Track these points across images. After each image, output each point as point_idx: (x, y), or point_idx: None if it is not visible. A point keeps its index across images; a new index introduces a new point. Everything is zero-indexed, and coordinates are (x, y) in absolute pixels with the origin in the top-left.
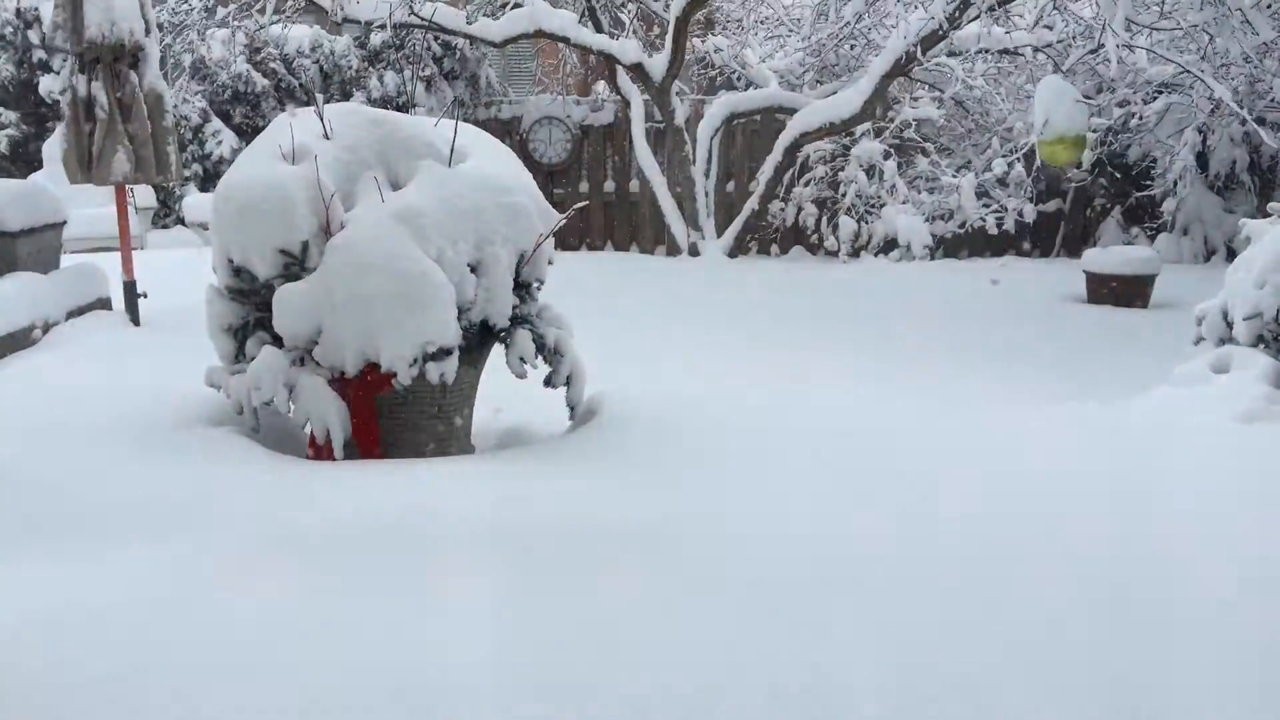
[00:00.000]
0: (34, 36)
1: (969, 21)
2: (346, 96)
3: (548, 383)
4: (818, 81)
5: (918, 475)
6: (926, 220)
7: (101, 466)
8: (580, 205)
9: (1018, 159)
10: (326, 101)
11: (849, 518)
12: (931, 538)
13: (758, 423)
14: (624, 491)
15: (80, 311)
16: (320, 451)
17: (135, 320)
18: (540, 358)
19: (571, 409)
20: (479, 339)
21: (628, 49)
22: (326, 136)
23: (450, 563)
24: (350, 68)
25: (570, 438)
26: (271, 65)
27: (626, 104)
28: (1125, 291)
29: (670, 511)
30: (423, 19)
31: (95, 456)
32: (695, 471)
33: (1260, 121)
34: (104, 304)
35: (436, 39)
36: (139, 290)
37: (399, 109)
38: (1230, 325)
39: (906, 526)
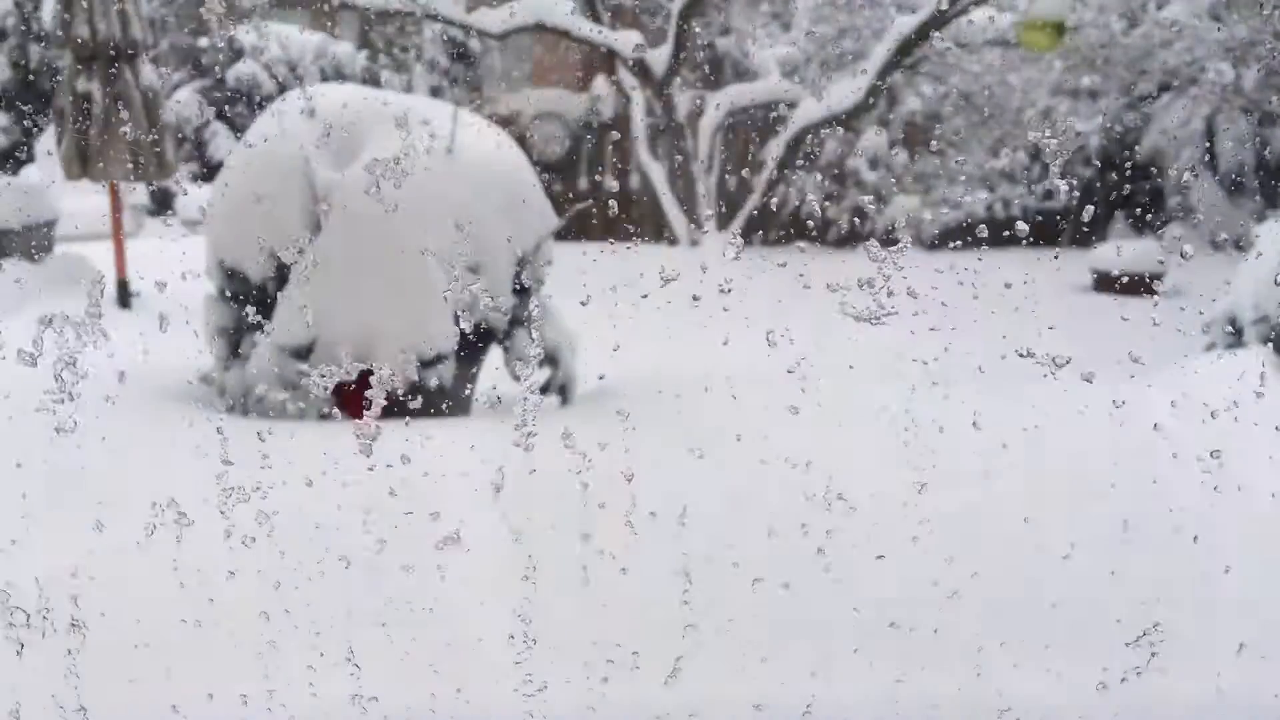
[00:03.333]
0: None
1: (972, 3)
2: None
3: (543, 390)
4: (821, 70)
5: None
6: (931, 212)
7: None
8: (582, 205)
9: (1027, 153)
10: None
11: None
12: None
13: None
14: None
15: (70, 298)
16: None
17: (125, 304)
18: (537, 362)
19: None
20: (477, 341)
21: (628, 42)
22: (311, 113)
23: None
24: (354, 71)
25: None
26: (278, 67)
27: (627, 98)
28: (1131, 286)
29: None
30: (420, 7)
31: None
32: None
33: (1272, 118)
34: (92, 293)
35: (444, 43)
36: (129, 286)
37: None
38: (1239, 329)
39: None
